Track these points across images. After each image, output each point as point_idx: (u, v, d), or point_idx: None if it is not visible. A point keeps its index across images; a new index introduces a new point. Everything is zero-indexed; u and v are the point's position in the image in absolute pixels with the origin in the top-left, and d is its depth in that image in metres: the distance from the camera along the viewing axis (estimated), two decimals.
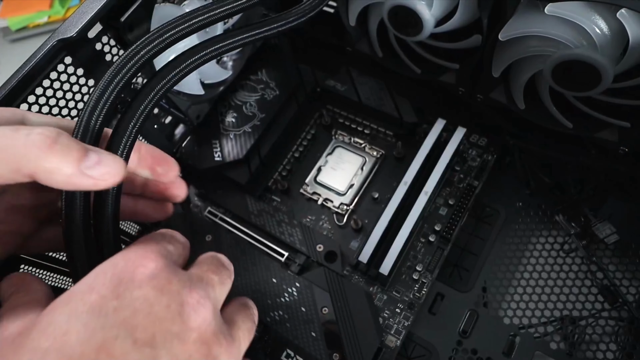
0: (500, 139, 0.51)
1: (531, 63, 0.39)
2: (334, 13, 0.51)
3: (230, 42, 0.35)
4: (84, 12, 0.35)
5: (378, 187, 0.51)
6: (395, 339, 0.44)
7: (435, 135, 0.50)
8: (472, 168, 0.50)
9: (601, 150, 0.45)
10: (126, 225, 0.50)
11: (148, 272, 0.22)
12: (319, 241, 0.47)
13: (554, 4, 0.34)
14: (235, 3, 0.35)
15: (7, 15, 0.88)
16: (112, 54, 0.40)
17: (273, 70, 0.54)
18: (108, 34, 0.39)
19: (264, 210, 0.50)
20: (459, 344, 0.44)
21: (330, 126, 0.56)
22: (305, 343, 0.42)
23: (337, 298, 0.43)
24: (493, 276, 0.46)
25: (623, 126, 0.40)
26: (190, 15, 0.33)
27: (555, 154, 0.47)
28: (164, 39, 0.31)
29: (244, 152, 0.49)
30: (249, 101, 0.52)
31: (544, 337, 0.43)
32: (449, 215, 0.48)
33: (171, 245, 0.26)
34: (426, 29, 0.42)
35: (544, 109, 0.43)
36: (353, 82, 0.53)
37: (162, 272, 0.23)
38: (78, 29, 0.35)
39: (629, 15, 0.32)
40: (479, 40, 0.41)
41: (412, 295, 0.45)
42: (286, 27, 0.38)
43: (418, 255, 0.47)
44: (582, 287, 0.45)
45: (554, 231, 0.48)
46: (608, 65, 0.34)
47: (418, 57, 0.49)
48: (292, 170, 0.54)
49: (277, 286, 0.45)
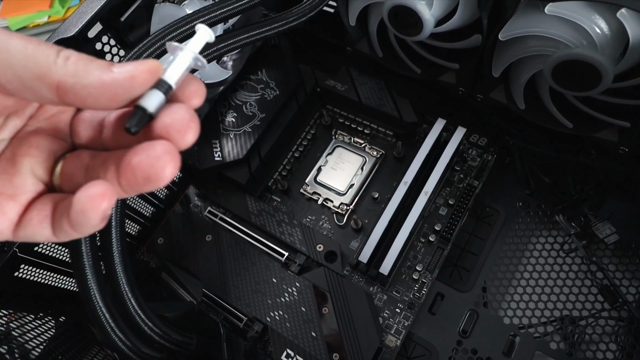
0: (500, 139, 0.51)
1: (531, 63, 0.39)
2: (334, 13, 0.51)
3: (230, 42, 0.35)
4: (84, 12, 0.35)
5: (378, 187, 0.51)
6: (395, 339, 0.44)
7: (435, 135, 0.50)
8: (472, 168, 0.50)
9: (601, 150, 0.45)
10: (126, 225, 0.50)
11: None
12: (319, 241, 0.47)
13: (554, 3, 0.34)
14: (236, 4, 0.35)
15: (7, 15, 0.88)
16: (112, 54, 0.40)
17: (273, 70, 0.54)
18: (108, 34, 0.39)
19: (264, 210, 0.50)
20: (459, 344, 0.44)
21: (330, 126, 0.56)
22: (305, 343, 0.42)
23: (337, 298, 0.43)
24: (493, 276, 0.46)
25: (623, 126, 0.40)
26: (191, 17, 0.33)
27: (555, 154, 0.47)
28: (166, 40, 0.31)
29: (244, 152, 0.49)
30: (249, 101, 0.52)
31: (544, 337, 0.43)
32: (449, 215, 0.48)
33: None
34: (426, 29, 0.42)
35: (544, 109, 0.43)
36: (353, 82, 0.53)
37: None
38: (78, 29, 0.35)
39: (629, 15, 0.32)
40: (479, 40, 0.41)
41: (412, 295, 0.45)
42: (286, 27, 0.38)
43: (418, 255, 0.47)
44: (582, 287, 0.45)
45: (554, 231, 0.48)
46: (608, 65, 0.34)
47: (418, 57, 0.49)
48: (292, 170, 0.54)
49: (277, 286, 0.45)
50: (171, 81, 0.20)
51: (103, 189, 0.18)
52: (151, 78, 0.19)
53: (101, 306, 0.30)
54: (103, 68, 0.19)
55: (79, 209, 0.18)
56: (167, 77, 0.20)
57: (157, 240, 0.51)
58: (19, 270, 0.39)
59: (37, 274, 0.41)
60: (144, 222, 0.51)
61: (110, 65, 0.19)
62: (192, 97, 0.21)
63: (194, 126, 0.19)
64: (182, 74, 0.21)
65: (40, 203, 0.20)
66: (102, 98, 0.19)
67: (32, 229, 0.20)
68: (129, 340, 0.32)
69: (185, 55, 0.21)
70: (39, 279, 0.41)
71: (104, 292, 0.31)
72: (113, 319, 0.31)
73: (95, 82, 0.18)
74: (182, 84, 0.21)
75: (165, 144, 0.19)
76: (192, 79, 0.21)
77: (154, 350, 0.34)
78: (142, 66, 0.19)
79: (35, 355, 0.36)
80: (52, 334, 0.40)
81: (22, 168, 0.21)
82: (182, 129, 0.19)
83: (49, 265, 0.42)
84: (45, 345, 0.38)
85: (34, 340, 0.37)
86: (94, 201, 0.18)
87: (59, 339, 0.40)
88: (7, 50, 0.18)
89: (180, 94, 0.21)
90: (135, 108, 0.19)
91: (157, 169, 0.18)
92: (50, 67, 0.18)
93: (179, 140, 0.19)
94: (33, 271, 0.40)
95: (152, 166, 0.18)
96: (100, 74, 0.19)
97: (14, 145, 0.21)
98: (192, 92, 0.21)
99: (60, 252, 0.43)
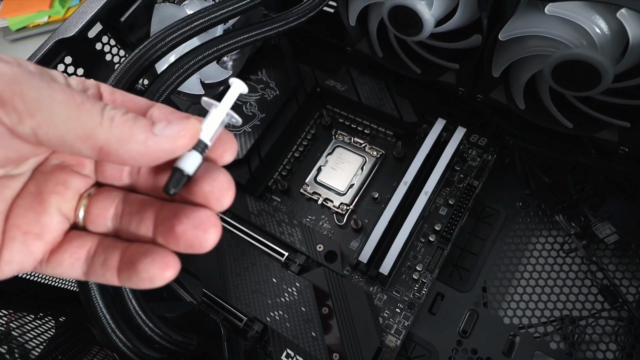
0: (500, 139, 0.51)
1: (531, 63, 0.39)
2: (334, 13, 0.51)
3: (231, 42, 0.35)
4: (84, 12, 0.35)
5: (378, 187, 0.51)
6: (395, 339, 0.44)
7: (435, 135, 0.50)
8: (472, 168, 0.50)
9: (601, 150, 0.45)
10: None
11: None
12: (319, 241, 0.47)
13: (554, 3, 0.34)
14: (236, 4, 0.35)
15: (7, 15, 0.88)
16: (112, 54, 0.40)
17: (273, 70, 0.54)
18: (108, 34, 0.39)
19: (264, 210, 0.50)
20: (459, 344, 0.44)
21: (330, 126, 0.56)
22: (305, 343, 0.42)
23: (337, 298, 0.43)
24: (493, 276, 0.46)
25: (623, 126, 0.40)
26: (192, 18, 0.33)
27: (555, 154, 0.47)
28: (167, 42, 0.31)
29: (244, 152, 0.49)
30: (249, 101, 0.52)
31: (544, 337, 0.43)
32: (449, 215, 0.48)
33: None
34: (426, 29, 0.42)
35: (544, 109, 0.43)
36: (353, 82, 0.53)
37: None
38: (78, 29, 0.35)
39: (629, 15, 0.32)
40: (479, 40, 0.41)
41: (412, 295, 0.45)
42: (286, 27, 0.38)
43: (418, 255, 0.47)
44: (582, 287, 0.45)
45: (554, 231, 0.48)
46: (608, 65, 0.34)
47: (418, 57, 0.49)
48: (292, 170, 0.54)
49: (277, 286, 0.45)
50: (207, 140, 0.20)
51: (168, 260, 0.19)
52: (192, 142, 0.20)
53: (101, 306, 0.30)
54: (147, 131, 0.19)
55: (147, 277, 0.19)
56: (203, 136, 0.20)
57: None
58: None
59: (37, 274, 0.41)
60: None
61: (153, 126, 0.19)
62: (226, 154, 0.21)
63: (231, 192, 0.20)
64: (217, 131, 0.21)
65: (73, 246, 0.20)
66: (143, 160, 0.19)
67: (63, 270, 0.20)
68: (129, 340, 0.32)
69: (220, 112, 0.21)
70: (39, 279, 0.41)
71: (104, 292, 0.31)
72: (113, 319, 0.31)
73: (139, 147, 0.18)
74: (216, 141, 0.21)
75: (207, 213, 0.19)
76: (225, 134, 0.22)
77: (155, 350, 0.34)
78: (184, 129, 0.19)
79: (35, 355, 0.36)
80: (52, 334, 0.40)
81: (49, 207, 0.20)
82: (221, 196, 0.20)
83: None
84: (45, 345, 0.38)
85: (34, 340, 0.37)
86: (162, 271, 0.19)
87: (59, 339, 0.40)
88: (50, 109, 0.17)
89: (215, 150, 0.21)
90: (174, 170, 0.19)
91: (202, 240, 0.19)
92: (95, 129, 0.18)
93: (217, 206, 0.20)
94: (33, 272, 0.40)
95: (197, 237, 0.19)
96: (144, 138, 0.18)
97: (39, 181, 0.20)
98: (226, 149, 0.21)
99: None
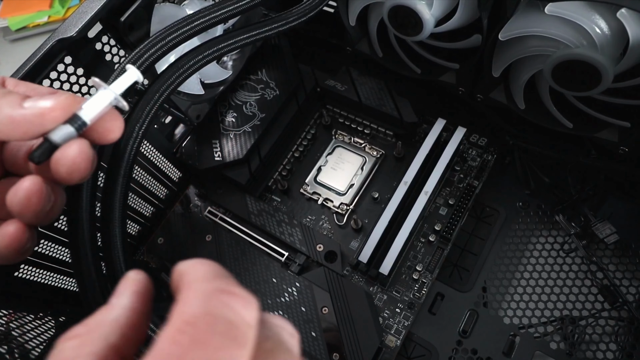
0: (500, 139, 0.51)
1: (531, 63, 0.39)
2: (334, 13, 0.51)
3: (231, 42, 0.35)
4: (84, 12, 0.35)
5: (378, 187, 0.51)
6: (395, 339, 0.44)
7: (435, 135, 0.50)
8: (472, 168, 0.50)
9: (601, 150, 0.45)
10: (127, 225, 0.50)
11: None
12: (319, 241, 0.47)
13: (554, 3, 0.34)
14: (236, 4, 0.35)
15: (7, 15, 0.88)
16: (112, 54, 0.39)
17: (273, 70, 0.54)
18: (108, 34, 0.38)
19: (264, 210, 0.50)
20: (459, 344, 0.44)
21: (330, 126, 0.56)
22: (305, 343, 0.42)
23: (337, 298, 0.43)
24: (493, 276, 0.46)
25: (623, 126, 0.40)
26: (192, 18, 0.33)
27: (555, 154, 0.47)
28: (167, 41, 0.31)
29: (244, 152, 0.49)
30: (249, 101, 0.52)
31: (544, 337, 0.43)
32: (449, 215, 0.48)
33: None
34: (426, 28, 0.42)
35: (544, 109, 0.43)
36: (353, 82, 0.53)
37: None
38: (78, 29, 0.35)
39: (629, 15, 0.32)
40: (479, 40, 0.41)
41: (412, 295, 0.45)
42: (286, 27, 0.38)
43: (418, 255, 0.47)
44: (582, 287, 0.45)
45: (554, 231, 0.48)
46: (608, 65, 0.34)
47: (418, 57, 0.49)
48: (292, 170, 0.54)
49: (277, 286, 0.45)
50: (86, 117, 0.21)
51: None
52: (63, 115, 0.20)
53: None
54: (13, 104, 0.19)
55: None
56: (82, 113, 0.21)
57: (157, 240, 0.51)
58: (19, 270, 0.39)
59: (37, 274, 0.41)
60: (144, 222, 0.51)
61: (23, 100, 0.19)
62: (108, 134, 0.22)
63: (82, 165, 0.21)
64: (101, 111, 0.22)
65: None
66: (14, 133, 0.20)
67: None
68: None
69: (105, 94, 0.22)
70: (39, 279, 0.41)
71: (104, 292, 0.30)
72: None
73: (4, 119, 0.19)
74: (100, 120, 0.22)
75: (32, 179, 0.21)
76: (112, 115, 0.22)
77: None
78: (54, 103, 0.20)
79: (35, 355, 0.36)
80: (52, 334, 0.40)
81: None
82: (68, 164, 0.20)
83: (49, 265, 0.42)
84: (45, 345, 0.38)
85: (34, 340, 0.37)
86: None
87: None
88: None
89: (96, 129, 0.22)
90: (44, 139, 0.20)
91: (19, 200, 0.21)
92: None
93: (66, 178, 0.21)
94: (33, 271, 0.40)
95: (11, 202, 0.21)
96: (10, 111, 0.19)
97: None
98: (108, 128, 0.22)
99: (60, 252, 0.43)
